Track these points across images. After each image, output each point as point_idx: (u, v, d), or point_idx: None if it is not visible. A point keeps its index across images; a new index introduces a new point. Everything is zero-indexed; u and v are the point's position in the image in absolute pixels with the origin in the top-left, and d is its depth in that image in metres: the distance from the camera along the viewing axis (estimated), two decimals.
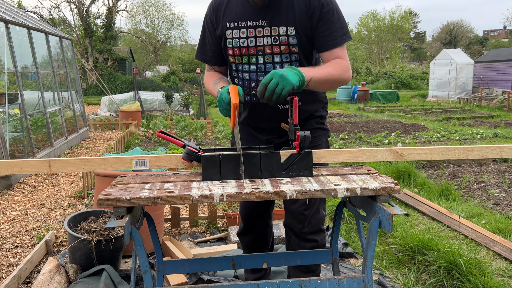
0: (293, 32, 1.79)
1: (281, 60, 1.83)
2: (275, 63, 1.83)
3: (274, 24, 1.79)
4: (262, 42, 1.81)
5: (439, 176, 5.44)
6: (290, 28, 1.79)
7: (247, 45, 1.83)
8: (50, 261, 2.62)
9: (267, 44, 1.81)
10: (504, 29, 62.33)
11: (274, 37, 1.80)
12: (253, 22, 1.81)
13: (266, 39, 1.80)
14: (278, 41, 1.80)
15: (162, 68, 32.72)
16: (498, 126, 10.57)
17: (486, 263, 2.82)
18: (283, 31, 1.79)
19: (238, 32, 1.83)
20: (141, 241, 1.43)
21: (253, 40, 1.82)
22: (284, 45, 1.81)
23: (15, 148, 6.02)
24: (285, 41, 1.80)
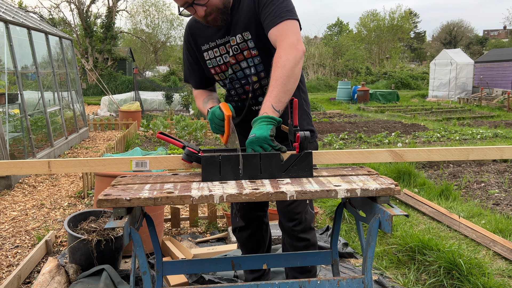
0: (249, 36, 1.83)
1: (248, 65, 1.89)
2: (244, 68, 1.90)
3: (233, 34, 1.86)
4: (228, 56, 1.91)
5: (439, 176, 5.44)
6: (245, 33, 1.84)
7: (223, 62, 1.93)
8: (50, 261, 2.62)
9: (231, 55, 1.89)
10: (504, 29, 62.32)
11: (234, 46, 1.86)
12: (219, 40, 1.90)
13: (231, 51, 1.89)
14: (238, 50, 1.86)
15: (162, 68, 32.71)
16: (498, 126, 10.57)
17: (486, 263, 2.82)
18: (240, 39, 1.85)
19: (212, 52, 1.94)
20: (140, 242, 1.43)
21: (227, 56, 1.91)
22: (246, 50, 1.87)
23: (15, 148, 6.02)
24: (245, 47, 1.86)
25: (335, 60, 30.37)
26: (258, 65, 1.90)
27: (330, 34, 46.95)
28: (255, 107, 1.98)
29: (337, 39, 39.22)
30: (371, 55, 37.60)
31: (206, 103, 2.00)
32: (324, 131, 9.89)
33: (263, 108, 1.61)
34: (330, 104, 17.36)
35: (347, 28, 49.78)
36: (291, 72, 1.63)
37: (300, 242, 2.06)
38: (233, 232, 2.34)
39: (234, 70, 1.92)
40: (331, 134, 8.91)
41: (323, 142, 8.13)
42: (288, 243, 2.11)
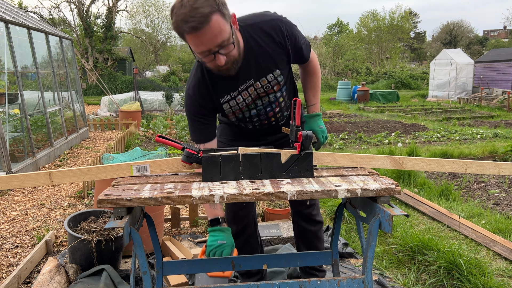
0: (279, 72, 1.94)
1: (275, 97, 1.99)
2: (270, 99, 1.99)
3: (261, 76, 1.91)
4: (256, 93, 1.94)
5: (439, 176, 5.44)
6: (275, 72, 1.93)
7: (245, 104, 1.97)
8: (50, 261, 2.62)
9: (261, 92, 1.95)
10: (504, 29, 62.32)
11: (266, 85, 1.94)
12: (242, 86, 1.90)
13: (259, 90, 1.93)
14: (270, 87, 1.95)
15: (162, 68, 32.71)
16: (498, 126, 10.57)
17: (486, 263, 2.82)
18: (271, 78, 1.93)
19: (234, 101, 1.94)
20: (140, 242, 1.43)
21: (250, 98, 1.95)
22: (276, 85, 1.96)
23: (15, 148, 6.02)
24: (275, 83, 1.95)
25: (335, 60, 30.36)
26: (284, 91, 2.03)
27: (330, 34, 46.94)
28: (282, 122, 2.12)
29: (337, 39, 39.21)
30: (371, 55, 37.59)
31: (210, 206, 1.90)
32: None
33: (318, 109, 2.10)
34: (330, 104, 17.36)
35: (347, 28, 49.77)
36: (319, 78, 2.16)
37: (316, 225, 2.32)
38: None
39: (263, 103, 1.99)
40: (331, 134, 8.91)
41: None
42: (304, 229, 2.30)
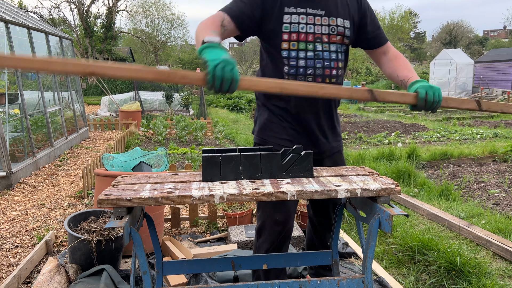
0: (348, 25, 1.90)
1: (336, 50, 1.91)
2: (331, 51, 1.89)
3: (333, 15, 1.87)
4: (320, 30, 1.85)
5: (439, 176, 5.44)
6: (346, 21, 1.90)
7: (305, 31, 1.84)
8: (50, 261, 2.62)
9: (325, 33, 1.86)
10: (504, 29, 62.32)
11: (333, 27, 1.87)
12: (312, 10, 1.85)
13: (324, 28, 1.86)
14: (336, 31, 1.88)
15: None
16: (498, 126, 10.57)
17: (486, 263, 2.82)
18: (341, 23, 1.88)
19: (297, 17, 1.83)
20: (140, 242, 1.43)
21: (312, 27, 1.84)
22: (340, 35, 1.90)
23: (15, 148, 6.02)
24: (342, 31, 1.89)
25: None
26: (343, 54, 1.95)
27: None
28: None
29: None
30: None
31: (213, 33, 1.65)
32: None
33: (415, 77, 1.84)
34: None
35: None
36: None
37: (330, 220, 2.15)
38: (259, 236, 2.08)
39: (323, 48, 1.86)
40: None
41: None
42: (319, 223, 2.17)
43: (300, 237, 3.22)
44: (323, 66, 1.87)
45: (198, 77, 1.45)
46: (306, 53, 1.86)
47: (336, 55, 1.91)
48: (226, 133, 9.08)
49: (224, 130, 9.26)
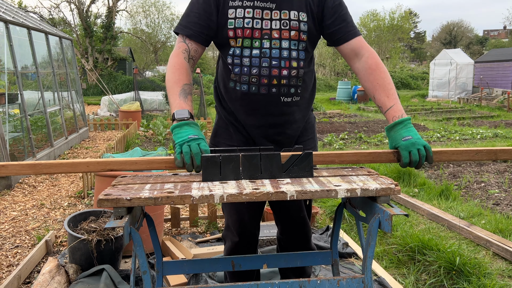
0: (305, 18, 1.70)
1: (289, 47, 1.70)
2: (282, 48, 1.69)
3: (284, 7, 1.68)
4: (269, 25, 1.68)
5: (439, 176, 5.44)
6: (302, 13, 1.70)
7: (252, 26, 1.67)
8: (50, 261, 2.62)
9: (275, 28, 1.68)
10: (504, 29, 62.32)
11: (284, 21, 1.68)
12: (260, 3, 1.68)
13: (275, 22, 1.68)
14: (288, 26, 1.69)
15: (162, 68, 32.71)
16: (498, 126, 10.57)
17: (486, 263, 2.83)
18: (294, 16, 1.69)
19: (242, 11, 1.67)
20: (140, 242, 1.43)
21: (259, 22, 1.67)
22: (294, 30, 1.69)
23: (15, 148, 6.02)
24: (296, 26, 1.69)
25: (335, 60, 30.37)
26: (301, 51, 1.73)
27: None
28: (285, 98, 1.75)
29: None
30: None
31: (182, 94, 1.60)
32: (324, 131, 9.89)
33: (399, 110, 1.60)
34: (330, 104, 17.37)
35: None
36: None
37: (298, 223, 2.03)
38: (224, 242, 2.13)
39: (272, 45, 1.68)
40: (331, 134, 8.91)
41: (323, 142, 8.13)
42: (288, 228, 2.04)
43: None
44: (270, 65, 1.69)
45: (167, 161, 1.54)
46: (251, 51, 1.69)
47: (289, 53, 1.70)
48: None
49: None
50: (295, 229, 2.03)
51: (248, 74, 1.72)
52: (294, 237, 2.05)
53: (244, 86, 1.74)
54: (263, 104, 1.75)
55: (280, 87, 1.73)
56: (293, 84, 1.75)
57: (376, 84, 1.67)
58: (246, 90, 1.74)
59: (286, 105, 1.77)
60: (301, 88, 1.78)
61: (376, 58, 1.71)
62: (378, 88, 1.67)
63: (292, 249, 2.05)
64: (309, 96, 1.88)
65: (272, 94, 1.74)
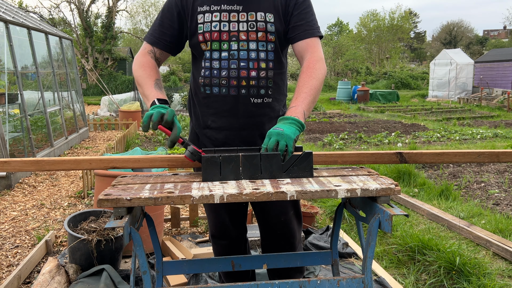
0: (272, 19, 1.71)
1: (257, 48, 1.72)
2: (250, 50, 1.72)
3: (251, 9, 1.70)
4: (236, 27, 1.70)
5: (439, 176, 5.44)
6: (268, 14, 1.71)
7: (219, 29, 1.70)
8: (50, 261, 2.62)
9: (242, 30, 1.70)
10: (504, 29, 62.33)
11: (251, 22, 1.70)
12: (227, 6, 1.70)
13: (242, 24, 1.70)
14: (255, 27, 1.70)
15: (162, 68, 32.71)
16: (498, 126, 10.57)
17: (486, 263, 2.83)
18: (261, 17, 1.71)
19: (210, 15, 1.71)
20: (140, 242, 1.43)
21: (226, 25, 1.70)
22: (262, 31, 1.71)
23: (15, 148, 6.02)
24: (263, 27, 1.71)
25: (335, 60, 30.38)
26: (270, 52, 1.75)
27: (330, 34, 46.93)
28: (255, 99, 1.77)
29: (337, 39, 39.20)
30: (371, 55, 37.60)
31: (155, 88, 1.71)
32: (324, 131, 9.89)
33: (294, 111, 1.57)
34: (330, 104, 17.37)
35: (347, 28, 49.79)
36: (321, 86, 1.67)
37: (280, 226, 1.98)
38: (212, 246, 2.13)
39: (240, 47, 1.71)
40: (331, 134, 8.91)
41: (323, 142, 8.13)
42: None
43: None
44: (238, 67, 1.72)
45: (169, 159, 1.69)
46: (221, 54, 1.73)
47: (257, 54, 1.72)
48: None
49: None
50: (276, 234, 1.97)
51: (218, 76, 1.75)
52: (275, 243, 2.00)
53: (215, 89, 1.77)
54: (233, 106, 1.77)
55: (250, 88, 1.75)
56: (262, 85, 1.76)
57: (298, 84, 1.67)
58: (216, 92, 1.77)
59: (257, 106, 1.78)
60: (272, 89, 1.79)
61: (312, 61, 1.69)
62: (296, 89, 1.67)
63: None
64: (282, 98, 1.89)
65: (241, 95, 1.75)
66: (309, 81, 1.65)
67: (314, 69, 1.67)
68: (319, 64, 1.69)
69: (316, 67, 1.68)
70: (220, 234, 2.02)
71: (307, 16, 1.74)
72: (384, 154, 1.65)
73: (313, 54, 1.71)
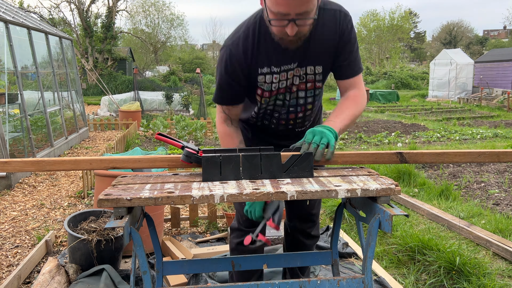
0: (320, 70, 1.83)
1: (305, 96, 1.89)
2: (299, 97, 1.89)
3: (304, 64, 1.81)
4: (291, 82, 1.84)
5: (439, 176, 5.44)
6: (318, 67, 1.82)
7: (277, 88, 1.84)
8: (50, 261, 2.62)
9: (296, 83, 1.85)
10: (504, 29, 62.35)
11: (302, 75, 1.83)
12: (286, 66, 1.80)
13: (296, 78, 1.83)
14: (305, 79, 1.84)
15: (162, 68, 32.72)
16: (498, 126, 10.57)
17: (486, 263, 2.83)
18: (310, 71, 1.82)
19: (271, 77, 1.82)
20: (140, 242, 1.43)
21: (284, 83, 1.84)
22: (310, 82, 1.85)
23: (15, 148, 6.02)
24: (311, 79, 1.84)
25: None
26: (318, 96, 1.92)
27: None
28: (298, 129, 2.01)
29: None
30: (371, 55, 37.59)
31: None
32: None
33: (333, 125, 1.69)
34: (330, 104, 17.37)
35: None
36: (358, 115, 1.84)
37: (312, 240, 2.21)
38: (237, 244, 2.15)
39: (291, 97, 1.87)
40: None
41: None
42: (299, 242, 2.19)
43: None
44: (288, 111, 1.92)
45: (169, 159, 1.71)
46: (275, 101, 1.90)
47: (305, 101, 1.90)
48: None
49: None
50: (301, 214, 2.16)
51: (270, 115, 1.96)
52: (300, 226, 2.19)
53: (266, 121, 1.99)
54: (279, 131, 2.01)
55: (296, 123, 1.98)
56: (307, 119, 1.99)
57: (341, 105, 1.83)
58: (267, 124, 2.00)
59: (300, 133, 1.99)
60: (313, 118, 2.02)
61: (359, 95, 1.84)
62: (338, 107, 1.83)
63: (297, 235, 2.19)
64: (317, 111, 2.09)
65: (288, 128, 2.00)
66: (353, 108, 1.80)
67: (360, 102, 1.84)
68: (363, 98, 1.86)
69: (361, 101, 1.84)
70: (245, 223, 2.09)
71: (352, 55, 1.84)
72: (384, 154, 1.65)
73: (359, 90, 1.86)
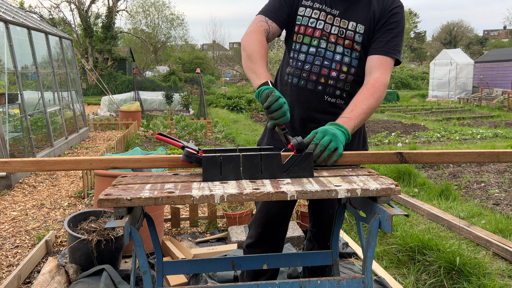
0: (362, 30, 1.78)
1: (342, 52, 1.81)
2: (336, 52, 1.81)
3: (346, 17, 1.78)
4: (329, 29, 1.80)
5: (439, 176, 5.44)
6: (360, 25, 1.78)
7: (314, 26, 1.81)
8: (50, 261, 2.62)
9: (333, 33, 1.80)
10: (504, 29, 62.35)
11: (342, 29, 1.79)
12: (328, 8, 1.80)
13: (334, 28, 1.79)
14: (344, 34, 1.79)
15: (162, 68, 32.71)
16: (498, 126, 10.57)
17: (486, 263, 2.83)
18: (352, 26, 1.79)
19: (311, 11, 1.81)
20: (140, 242, 1.43)
21: (322, 24, 1.80)
22: (349, 39, 1.80)
23: (15, 148, 6.02)
24: (351, 36, 1.79)
25: None
26: (354, 59, 1.83)
27: None
28: (329, 98, 1.85)
29: None
30: None
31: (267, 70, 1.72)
32: None
33: (347, 123, 1.61)
34: None
35: None
36: (376, 108, 1.73)
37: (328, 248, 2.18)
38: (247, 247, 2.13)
39: (328, 47, 1.81)
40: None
41: None
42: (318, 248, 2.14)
43: (300, 237, 3.22)
44: (321, 64, 1.82)
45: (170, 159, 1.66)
46: (309, 48, 1.83)
47: (341, 58, 1.81)
48: (226, 133, 9.08)
49: (224, 130, 9.26)
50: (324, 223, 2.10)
51: (300, 68, 1.85)
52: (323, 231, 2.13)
53: (295, 79, 1.87)
54: (307, 98, 1.86)
55: (326, 86, 1.83)
56: (339, 87, 1.84)
57: (357, 97, 1.71)
58: (295, 82, 1.87)
59: (329, 105, 1.85)
60: (347, 93, 1.85)
61: (378, 82, 1.72)
62: (354, 100, 1.71)
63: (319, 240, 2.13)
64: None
65: (317, 91, 1.84)
66: (369, 99, 1.69)
67: (378, 90, 1.71)
68: (383, 87, 1.73)
69: (381, 89, 1.72)
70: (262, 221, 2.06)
71: (391, 35, 1.77)
72: (384, 154, 1.65)
73: (382, 75, 1.74)
